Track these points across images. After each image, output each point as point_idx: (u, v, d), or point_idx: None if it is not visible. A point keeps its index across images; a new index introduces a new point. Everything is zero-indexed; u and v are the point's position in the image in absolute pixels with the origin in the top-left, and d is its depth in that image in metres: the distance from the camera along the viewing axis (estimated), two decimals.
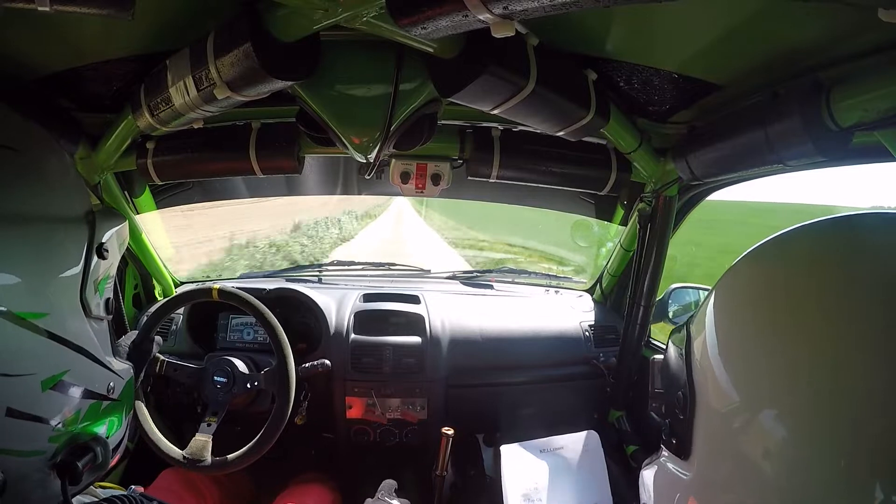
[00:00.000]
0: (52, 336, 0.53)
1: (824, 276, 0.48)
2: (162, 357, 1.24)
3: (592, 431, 1.27)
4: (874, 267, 0.46)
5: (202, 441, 1.17)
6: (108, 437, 0.63)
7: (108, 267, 0.62)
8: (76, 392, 0.57)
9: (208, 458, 1.15)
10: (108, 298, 0.63)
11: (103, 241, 0.60)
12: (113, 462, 0.65)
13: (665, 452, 0.62)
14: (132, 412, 0.72)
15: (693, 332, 0.59)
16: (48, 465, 0.55)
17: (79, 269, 0.57)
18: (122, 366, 0.66)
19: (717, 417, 0.51)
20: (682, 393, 0.57)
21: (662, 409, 0.63)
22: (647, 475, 0.69)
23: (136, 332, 1.22)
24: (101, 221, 0.60)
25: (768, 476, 0.45)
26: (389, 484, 1.14)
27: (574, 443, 1.26)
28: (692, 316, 0.63)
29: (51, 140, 0.60)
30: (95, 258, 0.59)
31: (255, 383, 1.24)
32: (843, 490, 0.41)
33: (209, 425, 1.19)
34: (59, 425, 0.55)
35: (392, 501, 1.07)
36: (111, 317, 0.65)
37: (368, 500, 1.10)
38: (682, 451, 0.57)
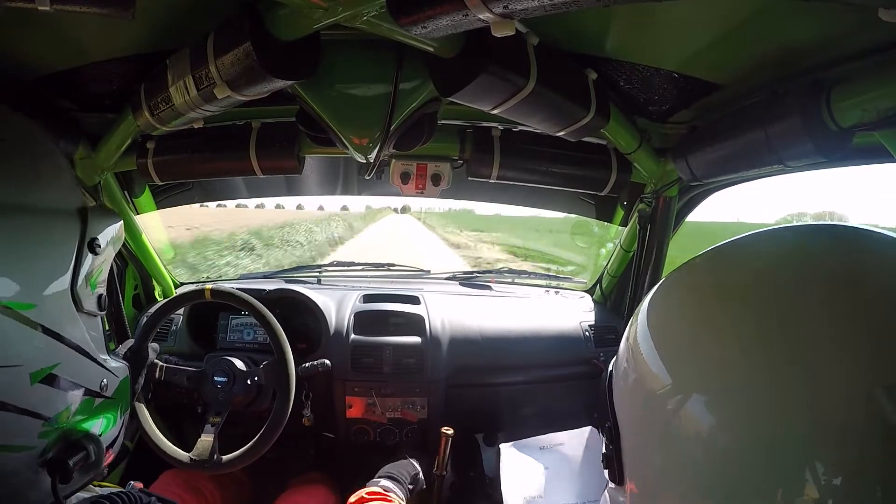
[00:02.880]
0: (42, 328, 0.52)
1: (777, 277, 0.50)
2: (160, 362, 1.24)
3: (594, 427, 1.27)
4: (824, 273, 0.48)
5: (207, 441, 1.17)
6: (101, 436, 0.62)
7: (100, 263, 0.62)
8: (67, 387, 0.56)
9: (214, 458, 1.15)
10: (101, 295, 0.62)
11: (96, 237, 0.60)
12: (107, 461, 0.64)
13: (610, 485, 0.64)
14: (128, 412, 0.71)
15: (629, 324, 0.61)
16: (38, 461, 0.54)
17: (70, 263, 0.56)
18: (116, 364, 0.65)
19: (639, 418, 0.54)
20: (608, 424, 0.61)
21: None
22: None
23: (133, 340, 1.23)
24: (94, 218, 0.60)
25: (697, 469, 0.47)
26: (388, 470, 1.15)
27: (574, 438, 1.25)
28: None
29: (44, 136, 0.60)
30: (88, 253, 0.58)
31: (255, 378, 1.24)
32: (776, 478, 0.42)
33: (213, 426, 1.19)
34: (50, 421, 0.54)
35: (385, 482, 1.05)
36: (104, 313, 0.64)
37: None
38: (618, 478, 0.60)
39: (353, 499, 0.97)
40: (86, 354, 0.59)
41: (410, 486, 1.12)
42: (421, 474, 1.18)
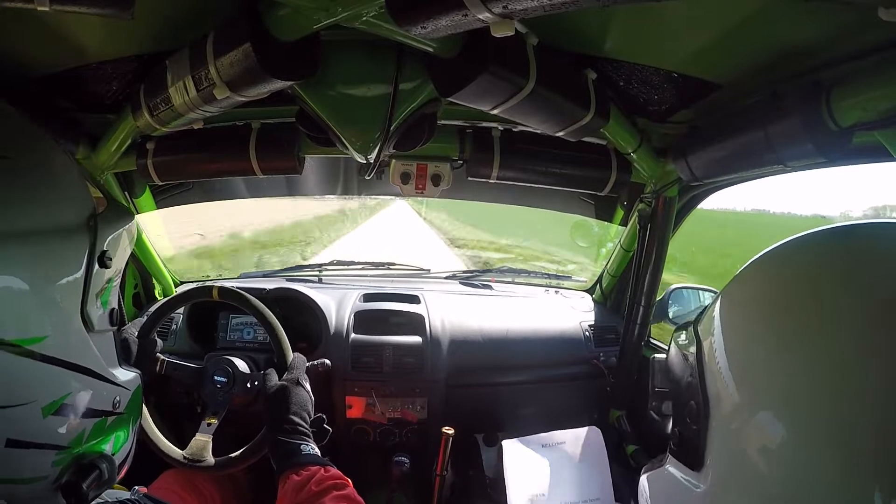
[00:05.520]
0: (52, 360, 0.50)
1: (831, 282, 0.49)
2: (162, 357, 1.24)
3: (594, 427, 1.27)
4: (879, 275, 0.46)
5: (202, 441, 1.16)
6: (114, 454, 0.61)
7: (111, 274, 0.60)
8: (79, 413, 0.55)
9: (209, 458, 1.15)
10: (113, 309, 0.61)
11: (106, 249, 0.58)
12: (120, 476, 0.64)
13: (671, 460, 0.61)
14: (139, 422, 0.70)
15: (702, 337, 0.58)
16: (53, 487, 0.54)
17: (79, 283, 0.54)
18: (128, 376, 0.64)
19: (734, 425, 0.51)
20: (694, 402, 0.56)
21: (663, 408, 0.63)
22: (649, 481, 0.68)
23: (140, 320, 1.22)
24: (103, 226, 0.57)
25: (783, 481, 0.45)
26: (300, 361, 1.16)
27: (576, 438, 1.26)
28: (699, 319, 0.62)
29: (49, 142, 0.57)
30: (97, 268, 0.56)
31: (255, 382, 1.24)
32: (855, 497, 0.41)
33: (209, 425, 1.19)
34: (64, 449, 0.53)
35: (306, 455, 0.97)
36: (116, 328, 0.62)
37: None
38: (695, 463, 0.56)
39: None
40: (97, 376, 0.57)
41: (314, 429, 1.06)
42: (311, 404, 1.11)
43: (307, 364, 1.19)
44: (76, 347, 0.54)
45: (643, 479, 0.69)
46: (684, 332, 0.65)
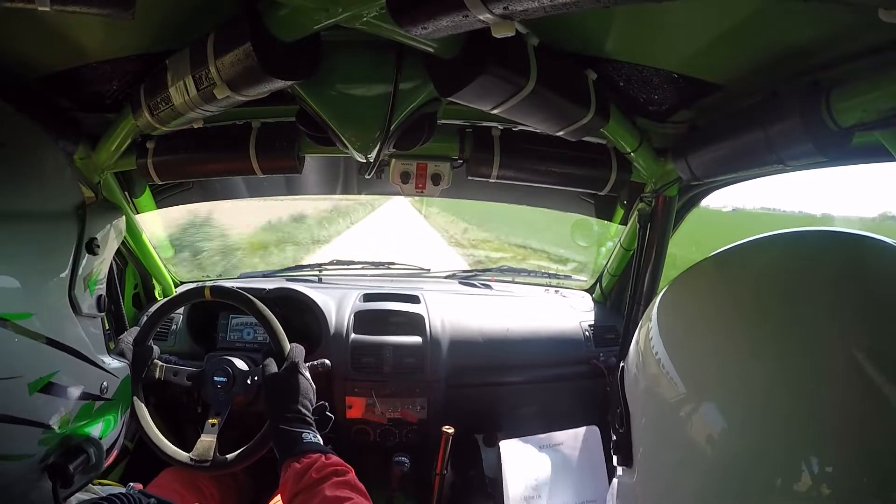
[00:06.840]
0: (39, 337, 0.51)
1: (779, 285, 0.50)
2: (160, 363, 1.24)
3: (593, 427, 1.27)
4: (827, 281, 0.48)
5: (208, 442, 1.16)
6: (101, 438, 0.62)
7: (99, 263, 0.61)
8: (66, 393, 0.55)
9: (214, 458, 1.15)
10: (101, 296, 0.62)
11: (95, 236, 0.59)
12: (108, 462, 0.65)
13: (619, 469, 0.66)
14: (129, 411, 0.71)
15: (641, 324, 0.62)
16: (39, 467, 0.54)
17: (67, 266, 0.55)
18: (116, 364, 0.65)
19: (651, 417, 0.56)
20: (619, 410, 0.62)
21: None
22: (611, 494, 0.72)
23: (137, 328, 1.22)
24: (93, 216, 0.59)
25: (705, 463, 0.47)
26: (299, 350, 1.16)
27: (574, 438, 1.26)
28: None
29: (42, 134, 0.59)
30: (86, 255, 0.58)
31: (255, 378, 1.24)
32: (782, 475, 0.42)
33: (213, 426, 1.19)
34: (50, 428, 0.54)
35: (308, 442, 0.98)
36: (104, 314, 0.63)
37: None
38: (627, 461, 0.61)
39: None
40: (84, 359, 0.58)
41: (316, 417, 1.06)
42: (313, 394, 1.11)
43: (307, 364, 1.19)
44: (63, 328, 0.55)
45: (608, 495, 0.73)
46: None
